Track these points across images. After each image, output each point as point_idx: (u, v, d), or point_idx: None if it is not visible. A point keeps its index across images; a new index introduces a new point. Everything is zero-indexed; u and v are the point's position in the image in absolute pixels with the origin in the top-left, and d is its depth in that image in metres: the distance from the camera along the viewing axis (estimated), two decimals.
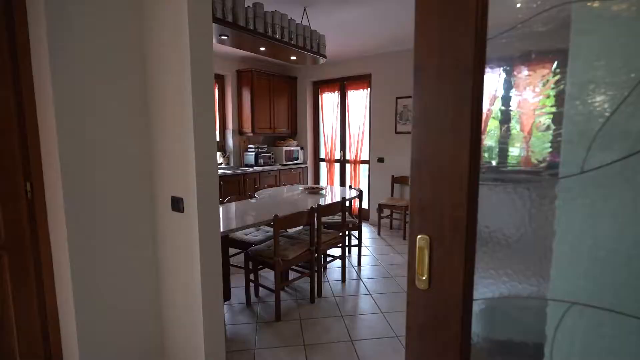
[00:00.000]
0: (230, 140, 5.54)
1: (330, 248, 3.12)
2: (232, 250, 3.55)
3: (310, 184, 6.25)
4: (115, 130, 1.74)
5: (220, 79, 5.43)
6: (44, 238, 1.70)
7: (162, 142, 1.82)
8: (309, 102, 6.10)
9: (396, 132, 5.07)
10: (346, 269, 3.48)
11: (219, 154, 5.57)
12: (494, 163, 0.83)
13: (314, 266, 2.89)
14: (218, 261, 1.81)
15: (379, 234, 4.90)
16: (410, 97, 4.86)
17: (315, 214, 2.84)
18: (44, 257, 1.71)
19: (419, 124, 0.90)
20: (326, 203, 3.14)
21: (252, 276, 3.04)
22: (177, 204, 1.76)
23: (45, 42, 1.48)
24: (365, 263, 3.80)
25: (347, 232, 3.85)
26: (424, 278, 0.91)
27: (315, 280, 2.94)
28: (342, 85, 5.74)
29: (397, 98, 5.01)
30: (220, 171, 4.95)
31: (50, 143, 1.58)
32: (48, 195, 1.68)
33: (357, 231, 3.74)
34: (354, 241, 4.28)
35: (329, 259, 3.63)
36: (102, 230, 1.72)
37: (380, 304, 2.86)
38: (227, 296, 2.59)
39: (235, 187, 4.90)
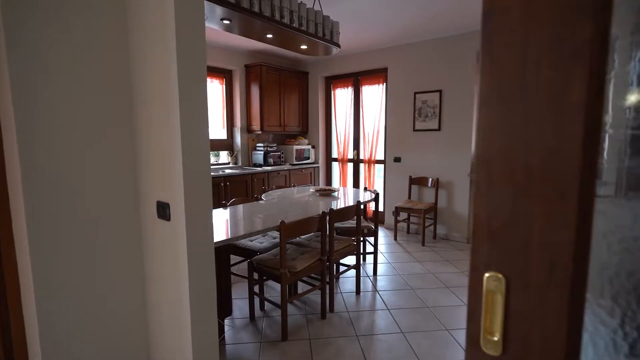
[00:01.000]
0: (238, 139, 5.28)
1: (343, 257, 2.82)
2: (235, 258, 3.29)
3: (321, 185, 5.95)
4: (90, 128, 1.47)
5: (227, 74, 5.17)
6: (7, 246, 1.45)
7: (147, 139, 1.55)
8: (320, 99, 5.80)
9: (414, 130, 4.73)
10: (361, 278, 3.17)
11: (225, 153, 5.32)
12: (626, 162, 0.51)
13: (326, 278, 2.59)
14: (211, 277, 1.52)
15: (395, 239, 4.56)
16: (430, 92, 4.52)
17: (327, 220, 2.53)
18: (7, 267, 1.46)
19: (490, 99, 0.58)
20: (339, 207, 2.84)
21: (257, 288, 2.76)
22: (163, 211, 1.49)
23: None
24: (382, 272, 3.47)
25: (361, 238, 3.54)
26: (496, 339, 0.59)
27: (327, 293, 2.64)
28: (356, 80, 5.42)
29: (415, 93, 4.66)
30: (227, 171, 4.70)
31: (9, 140, 1.32)
32: (11, 197, 1.42)
33: (372, 237, 3.42)
34: (369, 247, 3.96)
35: (342, 268, 3.33)
36: (73, 237, 1.45)
37: (400, 322, 2.53)
38: (227, 312, 2.31)
39: (242, 188, 4.64)
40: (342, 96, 5.62)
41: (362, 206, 2.97)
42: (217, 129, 5.16)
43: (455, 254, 3.97)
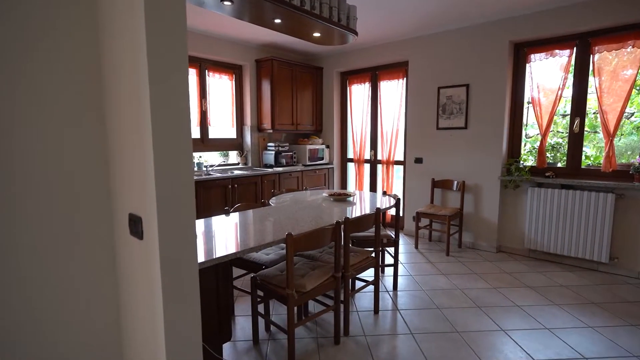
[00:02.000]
0: (248, 138, 5.00)
1: (360, 273, 2.47)
2: (237, 270, 2.99)
3: (336, 187, 5.61)
4: (46, 126, 1.18)
5: (237, 70, 4.90)
6: None
7: (118, 139, 1.25)
8: (336, 95, 5.46)
9: (437, 128, 4.33)
10: (379, 293, 2.82)
11: (235, 153, 5.04)
12: None
13: (340, 297, 2.25)
14: (193, 307, 1.21)
15: (416, 247, 4.18)
16: (456, 86, 4.12)
17: (342, 230, 2.20)
18: None
19: None
20: (356, 215, 2.50)
21: (262, 306, 2.45)
22: (135, 226, 1.18)
23: None
24: (403, 286, 3.11)
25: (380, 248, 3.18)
26: None
27: (341, 313, 2.31)
28: (374, 75, 5.05)
29: (439, 88, 4.27)
30: (236, 172, 4.42)
31: None
32: None
33: (392, 247, 3.07)
34: (388, 258, 3.60)
35: (358, 283, 2.99)
36: (24, 256, 1.16)
37: (426, 349, 2.17)
38: (227, 336, 2.01)
39: (250, 190, 4.35)
40: (359, 92, 5.27)
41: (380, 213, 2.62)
42: (226, 128, 4.89)
43: (484, 266, 3.57)
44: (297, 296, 1.96)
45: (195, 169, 4.39)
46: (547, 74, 3.67)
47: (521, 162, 3.88)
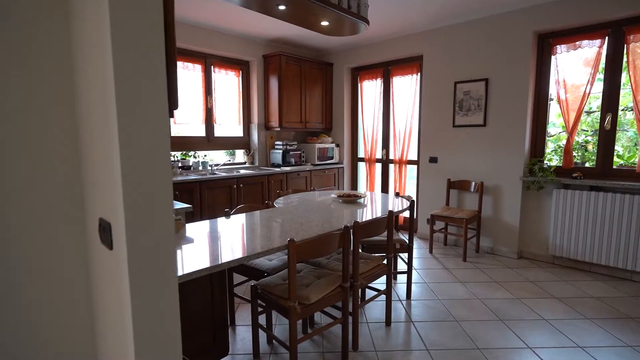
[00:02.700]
0: (255, 136, 4.84)
1: (371, 282, 2.27)
2: (238, 276, 2.81)
3: (346, 188, 5.40)
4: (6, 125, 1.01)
5: (244, 66, 4.73)
6: None
7: (87, 133, 1.08)
8: (346, 92, 5.26)
9: (454, 126, 4.09)
10: (392, 302, 2.60)
11: (242, 152, 4.88)
12: None
13: (348, 308, 2.05)
14: (172, 326, 1.03)
15: (430, 251, 3.95)
16: (474, 81, 3.87)
17: (352, 235, 2.00)
18: None
19: None
20: (366, 218, 2.29)
21: (264, 316, 2.26)
22: (104, 233, 1.01)
23: None
24: (416, 295, 2.89)
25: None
26: None
27: (350, 326, 2.11)
28: (386, 70, 4.83)
29: (456, 83, 4.02)
30: (242, 171, 4.26)
31: None
32: None
33: (406, 253, 2.85)
34: (400, 264, 3.37)
35: (368, 292, 2.78)
36: None
37: None
38: (223, 351, 1.83)
39: (256, 191, 4.18)
40: (370, 89, 5.05)
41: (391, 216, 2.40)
42: (232, 126, 4.73)
43: (504, 273, 3.32)
44: (300, 309, 1.76)
45: (200, 167, 4.24)
46: (575, 67, 3.39)
47: (545, 161, 3.61)
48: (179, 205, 2.10)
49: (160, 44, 0.93)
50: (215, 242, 1.76)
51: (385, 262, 2.38)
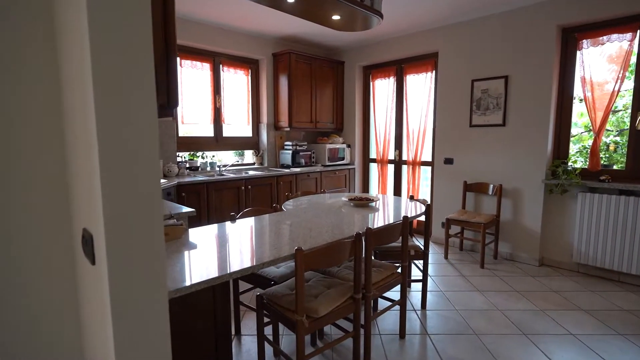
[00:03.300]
0: (264, 136, 4.73)
1: (384, 292, 2.12)
2: (243, 284, 2.70)
3: (357, 189, 5.25)
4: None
5: (253, 65, 4.64)
6: None
7: (72, 135, 0.97)
8: (358, 91, 5.11)
9: (471, 126, 3.91)
10: (406, 312, 2.45)
11: (251, 152, 4.79)
12: None
13: (360, 320, 1.91)
14: (164, 354, 0.91)
15: (445, 257, 3.77)
16: (493, 78, 3.68)
17: (364, 243, 1.87)
18: None
19: None
20: (379, 223, 2.15)
21: (270, 325, 2.14)
22: (86, 246, 0.90)
23: None
24: (432, 304, 2.73)
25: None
26: None
27: (362, 338, 1.97)
28: (400, 68, 4.67)
29: (473, 81, 3.84)
30: (251, 172, 4.16)
31: None
32: None
33: (421, 260, 2.70)
34: (414, 270, 3.22)
35: (381, 302, 2.64)
36: None
37: None
38: None
39: (265, 192, 4.07)
40: (383, 88, 4.90)
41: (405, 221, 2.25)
42: (241, 126, 4.64)
43: (525, 282, 3.13)
44: (309, 323, 1.64)
45: (208, 168, 4.16)
46: (602, 63, 3.18)
47: (569, 163, 3.41)
48: (181, 209, 2.00)
49: (147, 38, 0.81)
50: (218, 249, 1.64)
51: (399, 270, 2.24)
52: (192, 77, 4.06)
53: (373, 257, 2.64)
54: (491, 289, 2.99)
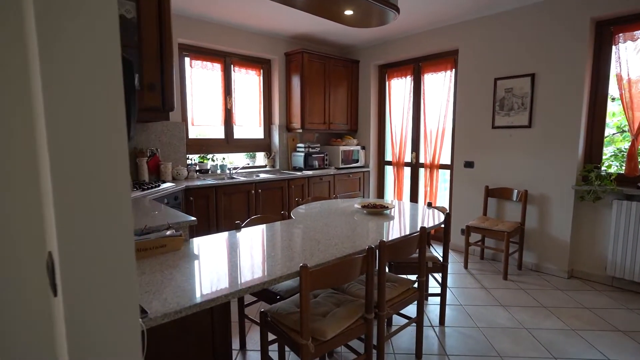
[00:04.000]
0: (276, 138, 4.61)
1: (399, 309, 1.95)
2: (248, 296, 2.57)
3: (372, 193, 5.07)
4: None
5: (265, 64, 4.52)
6: None
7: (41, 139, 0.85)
8: (373, 91, 4.93)
9: (493, 127, 3.68)
10: (423, 329, 2.27)
11: (262, 154, 4.67)
12: None
13: (372, 341, 1.75)
14: None
15: (465, 267, 3.56)
16: (518, 76, 3.45)
17: (377, 257, 1.71)
18: None
19: None
20: (394, 233, 1.99)
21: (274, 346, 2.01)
22: (49, 273, 0.77)
23: None
24: (451, 319, 2.54)
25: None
26: None
27: None
28: (417, 67, 4.47)
29: (496, 80, 3.61)
30: (262, 175, 4.04)
31: None
32: None
33: (439, 273, 2.51)
34: (432, 281, 3.02)
35: (396, 317, 2.47)
36: None
37: None
38: None
39: (276, 196, 3.94)
40: (399, 88, 4.70)
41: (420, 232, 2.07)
42: (253, 127, 4.53)
43: (554, 297, 2.89)
44: (315, 347, 1.49)
45: (219, 171, 4.07)
46: None
47: (603, 168, 3.14)
48: (181, 218, 1.88)
49: (113, 29, 0.67)
50: (217, 263, 1.51)
51: (416, 285, 2.06)
52: (202, 77, 3.98)
53: (387, 270, 2.47)
54: (516, 304, 2.77)
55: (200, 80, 3.96)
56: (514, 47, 3.46)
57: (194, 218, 1.87)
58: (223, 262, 1.54)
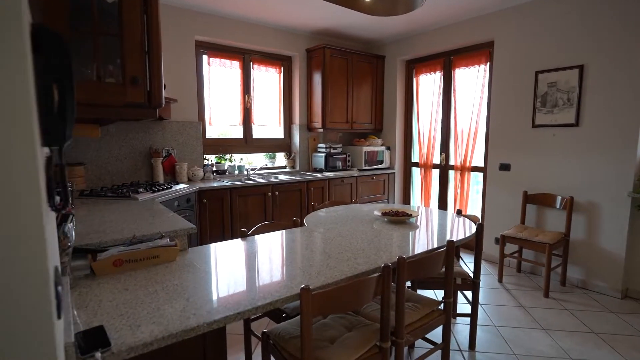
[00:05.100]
0: (296, 138, 4.44)
1: (421, 335, 1.70)
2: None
3: (397, 197, 4.78)
4: None
5: (285, 61, 4.35)
6: None
7: None
8: (399, 88, 4.64)
9: (534, 126, 3.31)
10: (449, 355, 2.00)
11: (282, 155, 4.51)
12: None
13: None
14: None
15: (499, 280, 3.22)
16: (563, 69, 3.07)
17: (396, 277, 1.47)
18: None
19: None
20: (417, 248, 1.73)
21: None
22: None
23: None
24: (483, 343, 2.24)
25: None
26: None
27: None
28: (447, 61, 4.14)
29: (537, 73, 3.24)
30: (280, 177, 3.88)
31: None
32: None
33: (470, 291, 2.22)
34: (460, 298, 2.72)
35: (417, 343, 2.20)
36: None
37: None
38: None
39: (294, 199, 3.76)
40: (428, 84, 4.39)
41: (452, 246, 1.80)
42: (272, 127, 4.38)
43: (606, 320, 2.51)
44: None
45: (236, 172, 3.94)
46: None
47: None
48: (179, 224, 1.72)
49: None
50: (210, 278, 1.34)
51: (442, 307, 1.80)
52: (220, 76, 3.87)
53: (408, 286, 2.22)
54: (560, 327, 2.42)
55: (218, 79, 3.85)
56: (558, 35, 3.09)
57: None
58: (215, 279, 1.35)
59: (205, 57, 3.75)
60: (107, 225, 1.74)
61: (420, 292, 2.61)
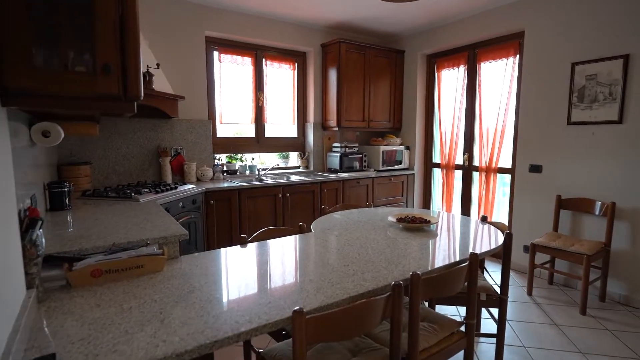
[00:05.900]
0: (310, 137, 4.27)
1: None
2: None
3: (417, 201, 4.52)
4: None
5: (300, 57, 4.19)
6: None
7: None
8: (420, 84, 4.39)
9: (569, 123, 3.00)
10: None
11: (296, 154, 4.35)
12: None
13: None
14: None
15: (529, 293, 2.93)
16: (604, 59, 2.75)
17: (409, 294, 1.27)
18: None
19: None
20: (436, 260, 1.52)
21: None
22: None
23: None
24: None
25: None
26: None
27: None
28: (472, 55, 3.86)
29: (574, 64, 2.93)
30: (293, 177, 3.72)
31: None
32: None
33: (496, 309, 1.98)
34: (485, 314, 2.46)
35: None
36: None
37: None
38: None
39: (307, 201, 3.59)
40: (451, 79, 4.12)
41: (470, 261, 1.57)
42: (286, 125, 4.23)
43: None
44: None
45: (247, 172, 3.81)
46: None
47: None
48: (170, 230, 1.58)
49: None
50: (193, 294, 1.18)
51: (463, 328, 1.58)
52: (232, 72, 3.74)
53: (426, 303, 2.01)
54: (600, 351, 2.14)
55: (230, 76, 3.73)
56: (598, 23, 2.77)
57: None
58: (199, 296, 1.19)
59: (216, 54, 3.63)
60: (95, 230, 1.62)
61: (438, 308, 2.38)
